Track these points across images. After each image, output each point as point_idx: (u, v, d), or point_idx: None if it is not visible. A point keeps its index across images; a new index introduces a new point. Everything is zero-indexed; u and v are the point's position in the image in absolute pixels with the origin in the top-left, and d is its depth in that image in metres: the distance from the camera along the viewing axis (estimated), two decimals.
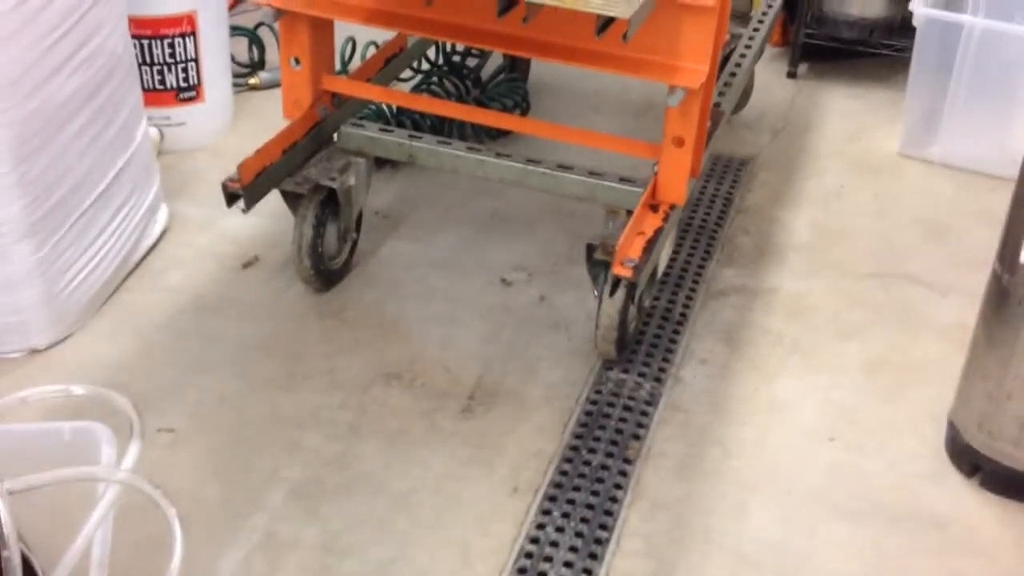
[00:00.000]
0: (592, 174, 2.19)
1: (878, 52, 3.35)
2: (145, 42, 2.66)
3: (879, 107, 3.27)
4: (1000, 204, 1.88)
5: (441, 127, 2.79)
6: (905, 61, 3.01)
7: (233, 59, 3.04)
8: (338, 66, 3.02)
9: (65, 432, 1.42)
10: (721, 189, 2.85)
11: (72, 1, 1.99)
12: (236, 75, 3.08)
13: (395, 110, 2.76)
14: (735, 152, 3.02)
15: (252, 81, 3.16)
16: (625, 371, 2.22)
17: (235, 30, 3.08)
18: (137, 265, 2.42)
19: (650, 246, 2.01)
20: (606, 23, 1.67)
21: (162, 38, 2.67)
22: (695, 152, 2.07)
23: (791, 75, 3.43)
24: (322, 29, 2.20)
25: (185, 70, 2.74)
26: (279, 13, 2.08)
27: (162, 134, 2.76)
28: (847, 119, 3.23)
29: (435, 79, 2.95)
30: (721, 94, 2.50)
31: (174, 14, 2.66)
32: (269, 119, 2.58)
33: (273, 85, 3.07)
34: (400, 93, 2.50)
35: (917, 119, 2.99)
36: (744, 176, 2.93)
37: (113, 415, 1.61)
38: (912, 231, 2.72)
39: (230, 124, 2.98)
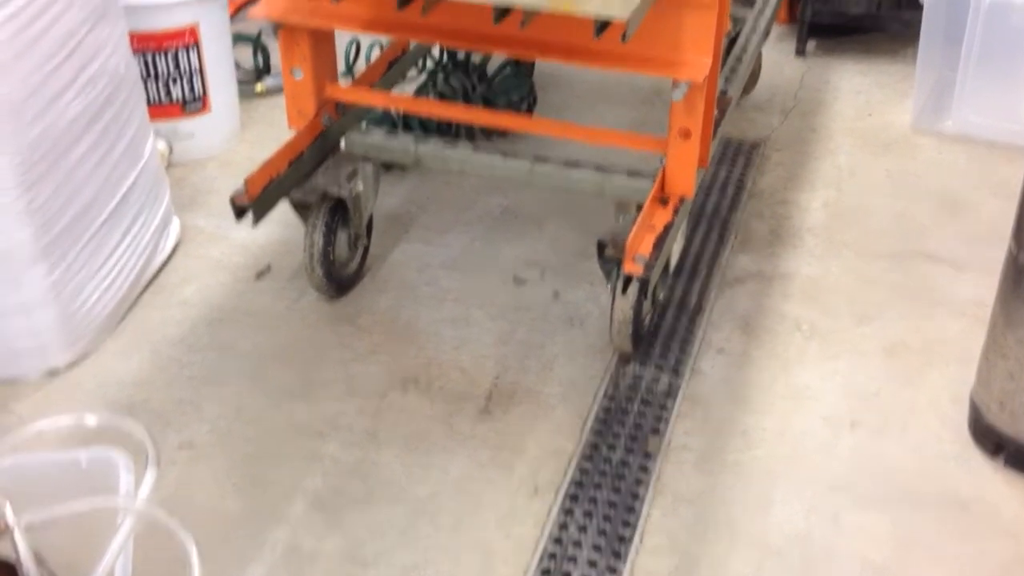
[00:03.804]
0: (600, 169, 2.18)
1: (887, 27, 3.31)
2: (149, 56, 2.66)
3: (890, 82, 3.23)
4: (1016, 175, 1.86)
5: (449, 125, 2.78)
6: (914, 35, 2.98)
7: (238, 66, 3.04)
8: (342, 67, 3.02)
9: (82, 460, 1.43)
10: (733, 173, 2.83)
11: (72, 24, 1.99)
12: (241, 82, 3.08)
13: (401, 111, 2.75)
14: (746, 135, 3.00)
15: (258, 87, 3.16)
16: (642, 364, 2.21)
17: (238, 38, 3.08)
18: (151, 280, 2.43)
19: (660, 241, 1.99)
20: (604, 24, 1.65)
21: (165, 52, 2.67)
22: (703, 143, 2.05)
23: (799, 53, 3.39)
24: (322, 39, 2.19)
25: (190, 82, 2.74)
26: (279, 26, 2.07)
27: (171, 147, 2.77)
28: (858, 96, 3.20)
29: (440, 76, 2.94)
30: (727, 80, 2.47)
31: (176, 27, 2.66)
32: (277, 125, 2.58)
33: (279, 90, 3.06)
34: (404, 98, 2.49)
35: (928, 93, 2.96)
36: (756, 159, 2.90)
37: (131, 435, 1.62)
38: (927, 207, 2.69)
39: (238, 132, 2.99)
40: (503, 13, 1.70)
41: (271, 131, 2.95)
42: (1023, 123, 2.56)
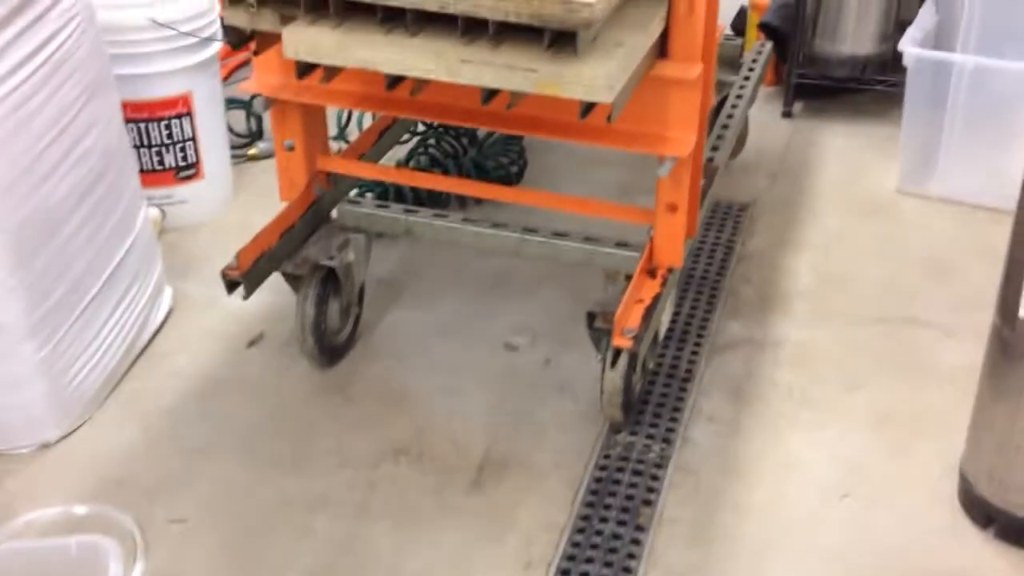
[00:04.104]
0: (588, 240, 2.20)
1: (872, 88, 3.36)
2: (142, 125, 2.68)
3: (876, 144, 3.27)
4: (1001, 238, 1.88)
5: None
6: (899, 96, 3.02)
7: (230, 130, 3.06)
8: (334, 131, 3.05)
9: (72, 548, 1.43)
10: (722, 237, 2.86)
11: (66, 101, 2.01)
12: (234, 146, 3.10)
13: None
14: (734, 198, 3.03)
15: (251, 152, 3.19)
16: (633, 433, 2.22)
17: (231, 103, 3.11)
18: (143, 349, 2.43)
19: (649, 313, 2.01)
20: (590, 106, 1.68)
21: (159, 120, 2.69)
22: (689, 215, 2.08)
23: (786, 115, 3.43)
24: (314, 112, 2.22)
25: (183, 149, 2.77)
26: (270, 101, 2.10)
27: (163, 213, 2.78)
28: (844, 158, 3.23)
29: (431, 140, 2.97)
30: (714, 148, 2.50)
31: (170, 96, 2.68)
32: (269, 189, 2.58)
33: (271, 154, 3.08)
34: (394, 170, 2.52)
35: (914, 155, 2.99)
36: (744, 222, 2.93)
37: (123, 509, 1.62)
38: (915, 271, 2.71)
39: (231, 197, 3.00)
40: (491, 94, 1.72)
41: (264, 195, 2.96)
42: (1008, 186, 2.57)
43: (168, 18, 2.60)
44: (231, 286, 2.09)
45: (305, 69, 1.80)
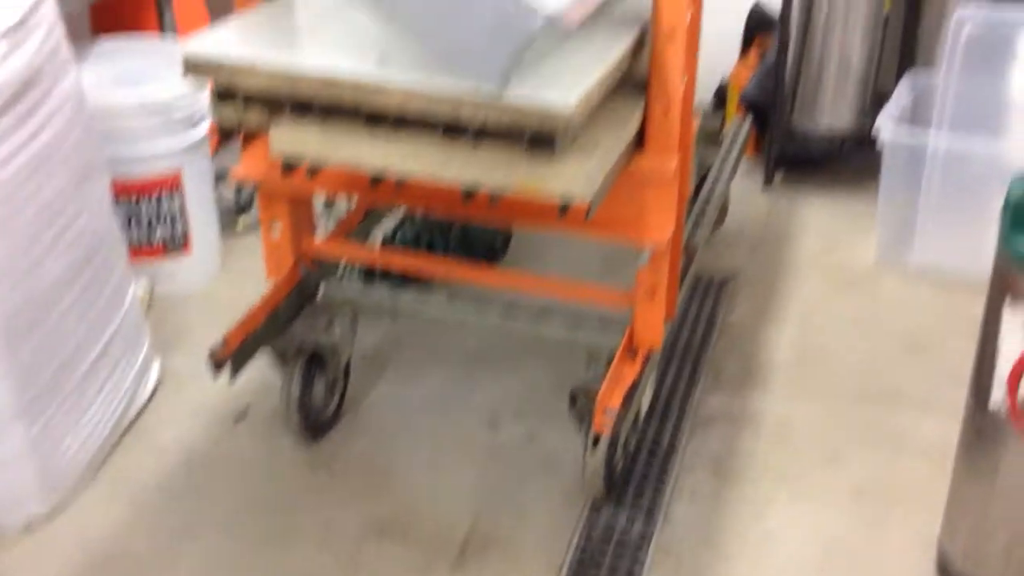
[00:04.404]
0: (571, 318, 2.24)
1: (850, 161, 3.42)
2: (133, 202, 2.73)
3: (854, 215, 3.33)
4: (978, 313, 1.93)
5: (429, 252, 2.86)
6: (877, 168, 3.08)
7: (219, 202, 3.11)
8: (320, 203, 3.09)
9: None
10: (704, 309, 2.90)
11: (57, 188, 2.05)
12: (223, 218, 3.15)
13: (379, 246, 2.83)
14: (716, 269, 3.08)
15: (239, 224, 3.23)
16: (615, 510, 2.24)
17: (220, 175, 3.16)
18: (131, 425, 2.46)
19: (630, 395, 2.05)
20: (568, 204, 1.73)
21: (149, 197, 2.74)
22: (669, 298, 2.12)
23: (767, 186, 3.50)
24: (301, 196, 2.26)
25: (172, 225, 2.81)
26: (258, 186, 2.15)
27: (152, 287, 2.82)
28: (824, 229, 3.29)
29: (417, 215, 3.01)
30: (695, 226, 2.56)
31: (160, 174, 2.73)
32: (257, 260, 2.63)
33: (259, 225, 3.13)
34: (380, 253, 2.57)
35: (891, 229, 3.05)
36: (726, 294, 2.97)
37: None
38: (892, 345, 2.76)
39: (219, 269, 3.04)
40: (471, 194, 1.78)
41: (251, 267, 2.99)
42: (982, 261, 2.63)
43: (160, 99, 2.66)
44: (218, 366, 2.12)
45: (291, 164, 1.85)
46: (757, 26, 3.81)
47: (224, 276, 3.04)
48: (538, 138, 1.68)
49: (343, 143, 1.79)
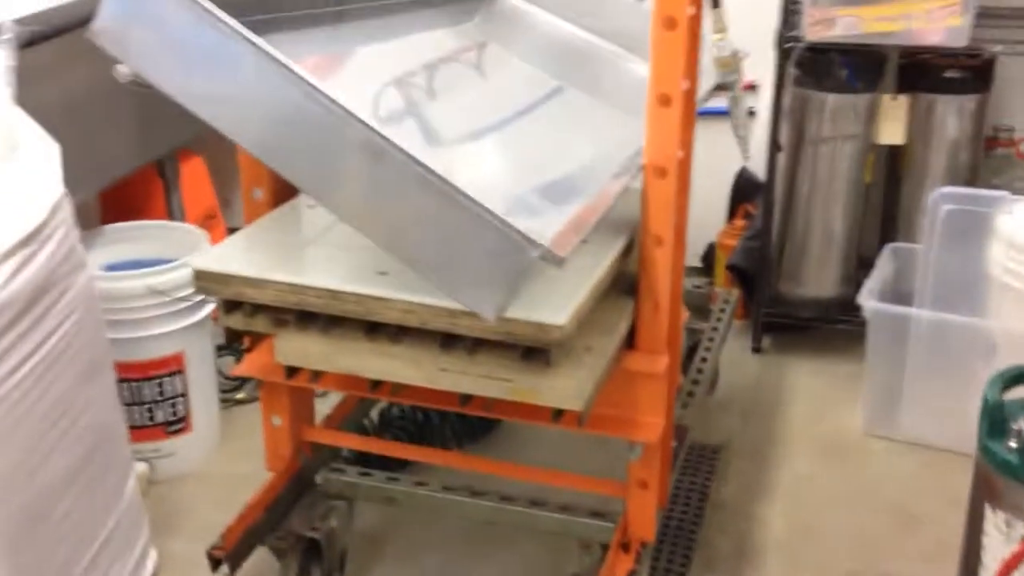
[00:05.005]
0: (564, 509, 2.28)
1: (836, 325, 3.51)
2: (135, 384, 2.78)
3: (842, 380, 3.40)
4: (967, 483, 1.96)
5: (426, 423, 2.91)
6: (863, 333, 3.14)
7: (220, 374, 3.16)
8: None
9: None
10: (697, 482, 2.93)
11: (62, 389, 2.09)
12: (223, 390, 3.20)
13: (376, 421, 2.88)
14: (708, 438, 3.12)
15: (239, 396, 3.28)
16: None
17: (221, 349, 3.22)
18: None
19: None
20: (561, 411, 1.79)
21: (151, 379, 2.80)
22: (661, 488, 2.16)
23: (755, 351, 3.57)
24: (301, 389, 2.32)
25: (174, 405, 2.86)
26: (260, 382, 2.21)
27: (151, 468, 2.85)
28: (813, 396, 3.35)
29: None
30: (684, 408, 2.61)
31: (163, 356, 2.80)
32: (256, 434, 2.67)
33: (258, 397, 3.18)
34: (376, 441, 2.63)
35: (878, 399, 3.11)
36: (718, 465, 3.01)
37: None
38: (884, 521, 2.78)
39: (218, 444, 3.08)
40: (468, 399, 1.84)
41: (250, 440, 3.02)
42: (969, 432, 2.69)
43: (165, 284, 2.74)
44: (215, 564, 2.15)
45: (294, 369, 1.92)
46: (743, 192, 3.94)
47: (223, 451, 3.08)
48: (532, 349, 1.76)
49: (345, 352, 1.86)
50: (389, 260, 1.72)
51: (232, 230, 3.79)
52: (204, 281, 1.89)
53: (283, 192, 2.17)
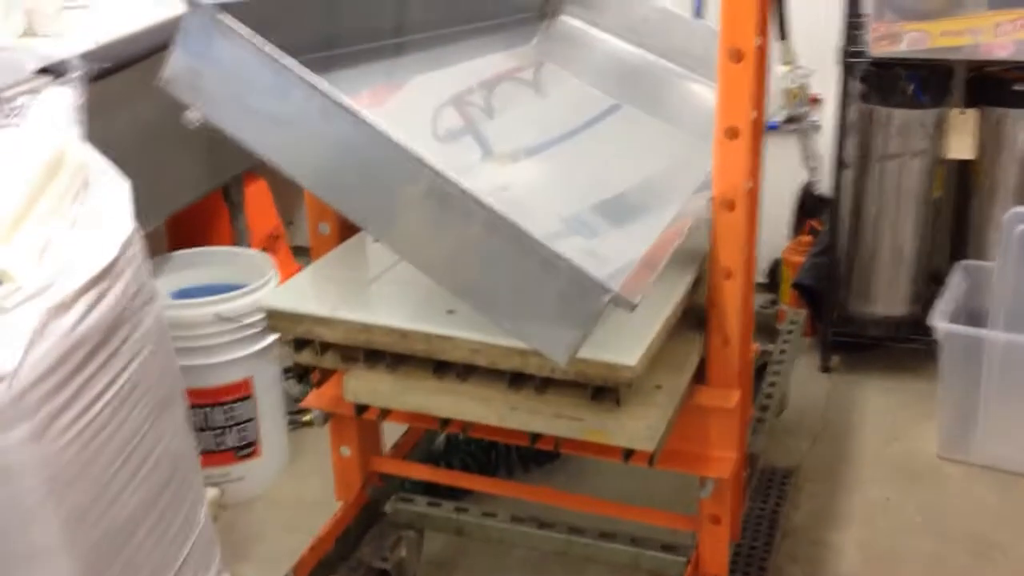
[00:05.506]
0: (634, 542, 2.26)
1: (908, 343, 3.44)
2: (205, 410, 2.82)
3: (914, 401, 3.33)
4: None
5: (492, 448, 2.91)
6: (934, 351, 3.07)
7: (287, 397, 3.19)
8: None
9: None
10: (767, 507, 2.88)
11: (136, 422, 2.12)
12: (290, 412, 3.22)
13: (443, 448, 2.88)
14: (778, 461, 3.07)
15: (306, 418, 3.30)
16: None
17: (287, 371, 3.25)
18: None
19: None
20: (631, 451, 1.77)
21: (221, 405, 2.83)
22: (733, 522, 2.13)
23: (824, 370, 3.51)
24: (369, 422, 2.33)
25: (243, 430, 2.89)
26: (328, 416, 2.22)
27: (222, 492, 2.88)
28: (884, 417, 3.29)
29: None
30: (754, 431, 2.57)
31: (231, 382, 2.83)
32: (324, 455, 2.69)
33: (326, 420, 3.19)
34: (444, 472, 2.62)
35: (952, 423, 3.04)
36: (789, 490, 2.96)
37: None
38: (960, 549, 2.72)
39: (286, 466, 3.11)
40: (536, 437, 1.83)
41: (318, 462, 3.06)
42: None
43: (233, 311, 2.77)
44: None
45: (363, 407, 1.93)
46: (808, 207, 3.89)
47: (291, 473, 3.10)
48: (602, 387, 1.74)
49: (413, 390, 1.86)
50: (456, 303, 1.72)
51: (295, 249, 3.84)
52: (275, 320, 1.90)
53: (349, 226, 2.18)
